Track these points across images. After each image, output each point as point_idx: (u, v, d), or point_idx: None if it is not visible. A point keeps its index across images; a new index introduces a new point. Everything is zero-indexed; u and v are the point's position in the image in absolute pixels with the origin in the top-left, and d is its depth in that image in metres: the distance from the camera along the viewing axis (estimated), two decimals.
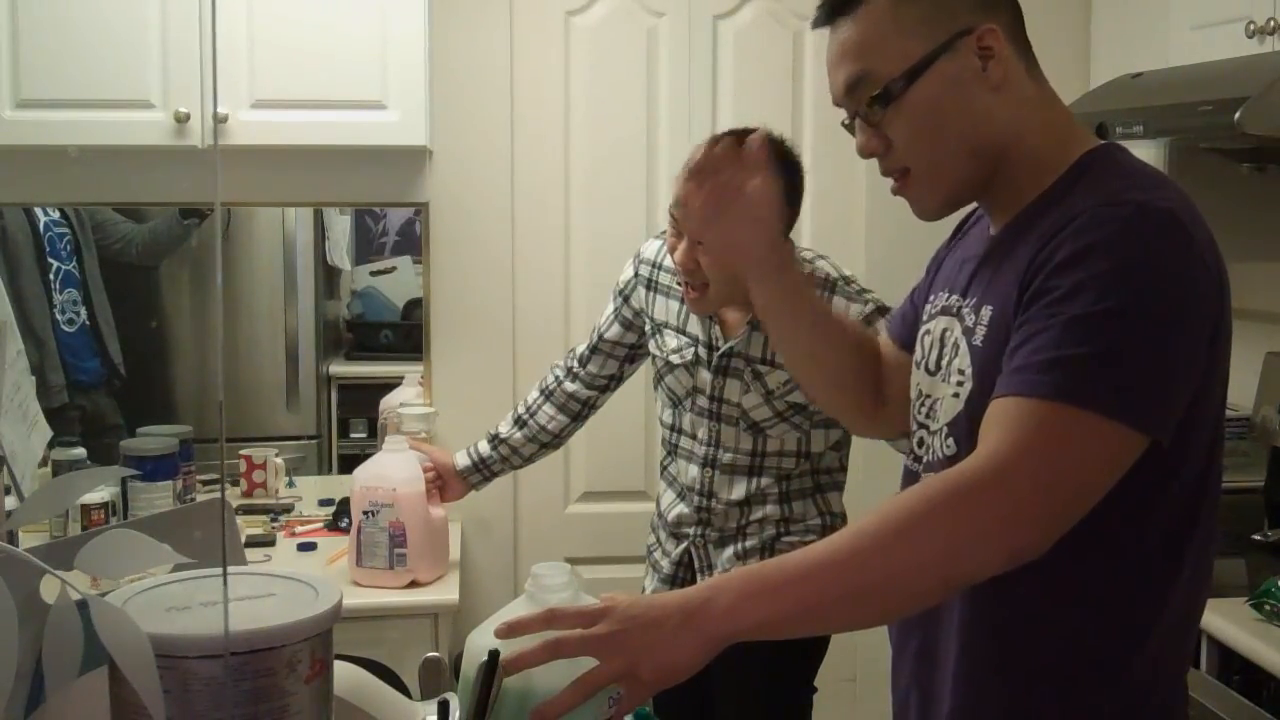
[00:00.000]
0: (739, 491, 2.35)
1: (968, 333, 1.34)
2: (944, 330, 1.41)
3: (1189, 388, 1.23)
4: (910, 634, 1.45)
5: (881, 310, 2.25)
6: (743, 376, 2.31)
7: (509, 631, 1.17)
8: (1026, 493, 1.16)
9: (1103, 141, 1.37)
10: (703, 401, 2.36)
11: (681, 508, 2.42)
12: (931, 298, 1.49)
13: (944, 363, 1.38)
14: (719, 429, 2.35)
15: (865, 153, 1.38)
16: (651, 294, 2.45)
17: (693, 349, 2.36)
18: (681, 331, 2.38)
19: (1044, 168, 1.33)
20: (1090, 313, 1.18)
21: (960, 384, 1.33)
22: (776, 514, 2.35)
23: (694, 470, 2.39)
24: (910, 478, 1.45)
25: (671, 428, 2.44)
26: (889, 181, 1.44)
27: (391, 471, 2.60)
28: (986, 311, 1.31)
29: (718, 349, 2.33)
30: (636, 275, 2.48)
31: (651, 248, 2.48)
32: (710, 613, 1.14)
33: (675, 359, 2.38)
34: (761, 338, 2.28)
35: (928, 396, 1.43)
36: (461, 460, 2.69)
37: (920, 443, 1.43)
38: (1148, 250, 1.20)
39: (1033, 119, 1.34)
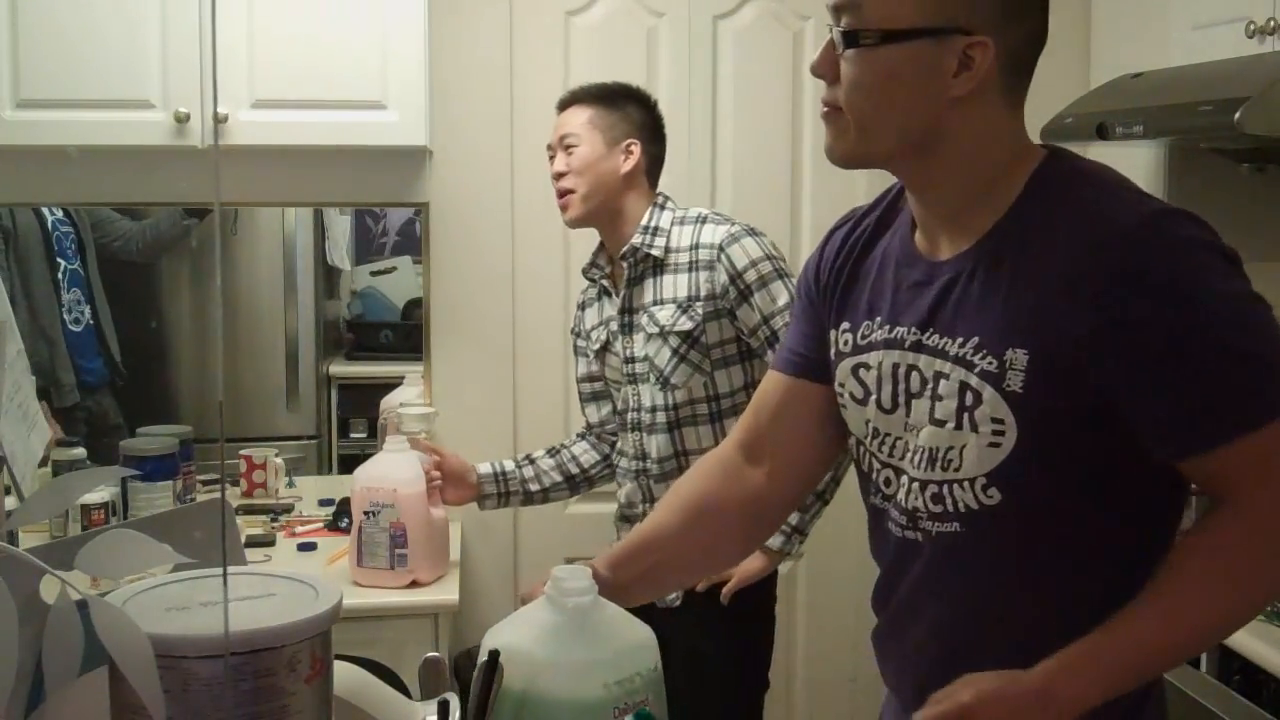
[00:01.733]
0: (665, 448, 2.44)
1: (990, 378, 1.27)
2: (898, 366, 1.36)
3: None
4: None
5: (748, 231, 2.42)
6: (642, 325, 2.45)
7: None
8: None
9: (1042, 148, 1.34)
10: (625, 370, 2.50)
11: (629, 485, 2.53)
12: (847, 324, 1.43)
13: (928, 404, 1.32)
14: (637, 391, 2.48)
15: (814, 70, 1.33)
16: (580, 312, 2.65)
17: (604, 328, 2.53)
18: (600, 324, 2.56)
19: (991, 186, 1.29)
20: (1223, 335, 1.19)
21: (999, 433, 1.27)
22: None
23: (629, 438, 2.52)
24: (879, 515, 1.42)
25: (618, 414, 2.58)
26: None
27: (393, 472, 2.60)
28: (1018, 356, 1.25)
29: (619, 314, 2.49)
30: (578, 306, 2.68)
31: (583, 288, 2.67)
32: (1063, 700, 1.20)
33: (596, 345, 2.56)
34: (646, 284, 2.45)
35: (887, 435, 1.39)
36: (483, 467, 2.69)
37: (887, 480, 1.39)
38: (1201, 251, 1.22)
39: (988, 143, 1.29)
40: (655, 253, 2.43)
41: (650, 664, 1.27)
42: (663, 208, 2.49)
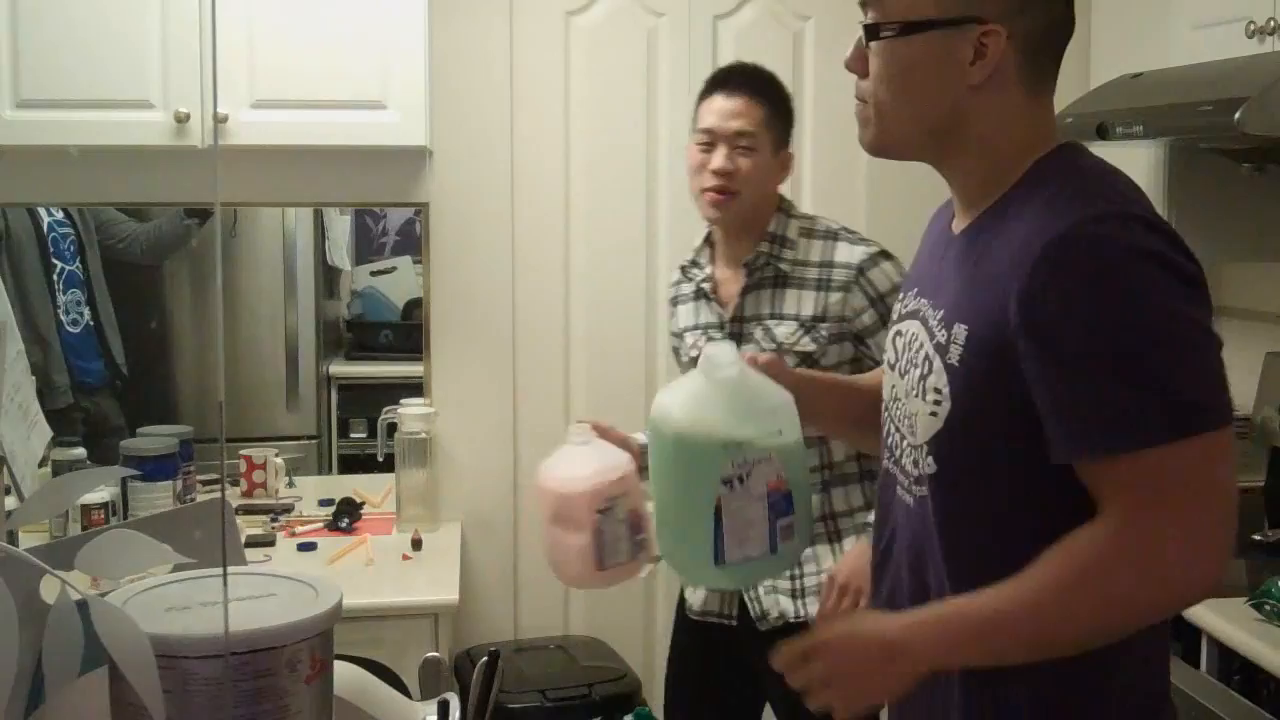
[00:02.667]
0: None
1: (940, 350, 1.33)
2: (913, 335, 1.41)
3: (1220, 360, 1.25)
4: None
5: (885, 254, 2.31)
6: (755, 338, 2.32)
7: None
8: (1197, 532, 1.21)
9: (1060, 144, 1.37)
10: None
11: None
12: (903, 295, 1.50)
13: (914, 372, 1.39)
14: None
15: (847, 65, 1.39)
16: (674, 310, 2.50)
17: (704, 335, 2.39)
18: (695, 327, 2.42)
19: (1003, 171, 1.33)
20: (1103, 353, 1.20)
21: (938, 403, 1.33)
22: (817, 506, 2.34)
23: None
24: (888, 478, 1.47)
25: None
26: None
27: (607, 460, 2.45)
28: (960, 331, 1.31)
29: (725, 321, 2.36)
30: (670, 302, 2.54)
31: (674, 274, 2.53)
32: (907, 656, 1.27)
33: (694, 352, 2.40)
34: (763, 295, 2.32)
35: (899, 400, 1.43)
36: (639, 436, 2.58)
37: (894, 444, 1.44)
38: (1127, 272, 1.21)
39: (1007, 128, 1.33)
40: (784, 266, 2.30)
41: (779, 428, 1.45)
42: (789, 215, 2.35)
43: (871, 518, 2.38)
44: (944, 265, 1.39)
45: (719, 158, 2.28)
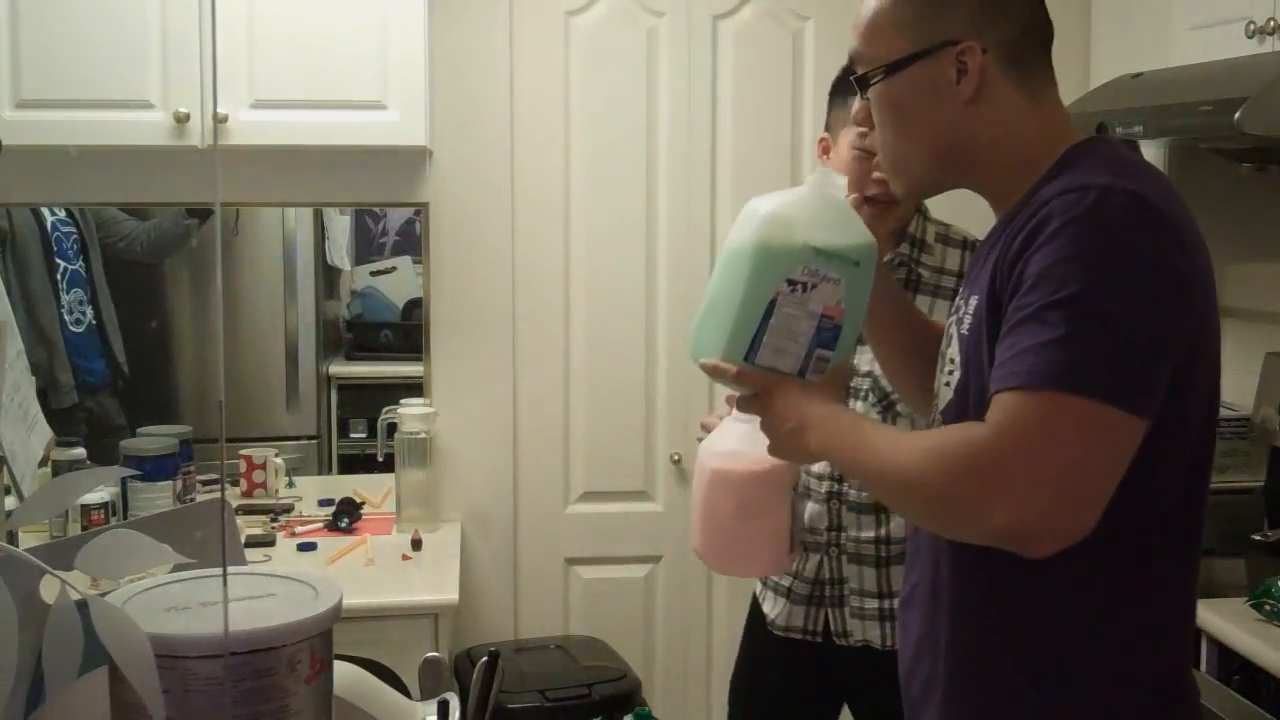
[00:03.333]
0: None
1: (958, 322, 1.39)
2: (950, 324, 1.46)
3: (1168, 362, 1.24)
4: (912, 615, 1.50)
5: None
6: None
7: (712, 371, 1.48)
8: (1009, 475, 1.21)
9: (1092, 136, 1.40)
10: None
11: (814, 507, 2.24)
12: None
13: (945, 352, 1.43)
14: (847, 405, 2.18)
15: (855, 120, 1.49)
16: None
17: None
18: None
19: (1032, 167, 1.35)
20: (1054, 299, 1.21)
21: (951, 373, 1.38)
22: None
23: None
24: None
25: None
26: None
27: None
28: (973, 300, 1.36)
29: None
30: None
31: None
32: (806, 437, 1.43)
33: None
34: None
35: (935, 391, 1.48)
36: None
37: (932, 422, 1.49)
38: (1108, 230, 1.23)
39: (1016, 130, 1.37)
40: (924, 272, 2.19)
41: (859, 260, 1.45)
42: (926, 217, 2.23)
43: None
44: (981, 257, 1.41)
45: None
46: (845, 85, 2.17)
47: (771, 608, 2.33)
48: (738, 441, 2.00)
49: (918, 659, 1.47)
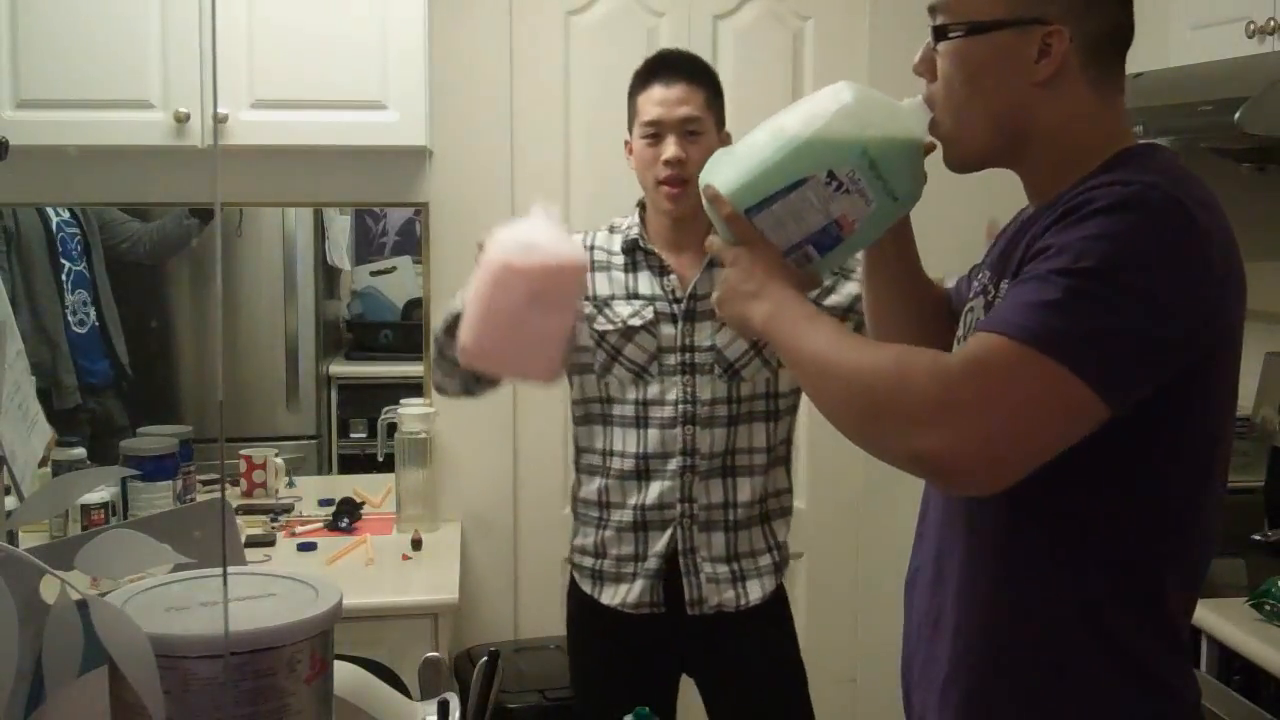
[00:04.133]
0: (720, 443, 2.31)
1: (987, 307, 1.40)
2: (978, 309, 1.45)
3: (1159, 369, 1.24)
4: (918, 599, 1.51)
5: None
6: (713, 315, 2.18)
7: (712, 198, 1.46)
8: (959, 408, 1.22)
9: (1147, 142, 1.40)
10: (671, 359, 2.31)
11: (662, 484, 2.32)
12: (978, 275, 1.52)
13: (960, 337, 1.44)
14: (692, 381, 2.31)
15: (916, 69, 1.43)
16: (591, 274, 2.36)
17: (650, 307, 2.32)
18: (633, 297, 2.34)
19: (1082, 164, 1.35)
20: (1067, 268, 1.22)
21: None
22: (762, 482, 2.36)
23: (672, 433, 2.31)
24: None
25: (640, 403, 2.33)
26: None
27: (575, 241, 2.19)
28: (1005, 286, 1.36)
29: (681, 297, 2.32)
30: (590, 267, 2.39)
31: (591, 237, 2.42)
32: (758, 306, 1.41)
33: (635, 321, 2.32)
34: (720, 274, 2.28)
35: None
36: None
37: None
38: (1141, 223, 1.23)
39: (1078, 123, 1.37)
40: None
41: (898, 195, 1.42)
42: None
43: (792, 500, 2.43)
44: (1011, 243, 1.41)
45: (670, 147, 2.26)
46: (645, 78, 2.32)
47: (612, 596, 2.38)
48: (543, 237, 1.96)
49: (919, 642, 1.48)
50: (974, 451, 1.22)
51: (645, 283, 2.35)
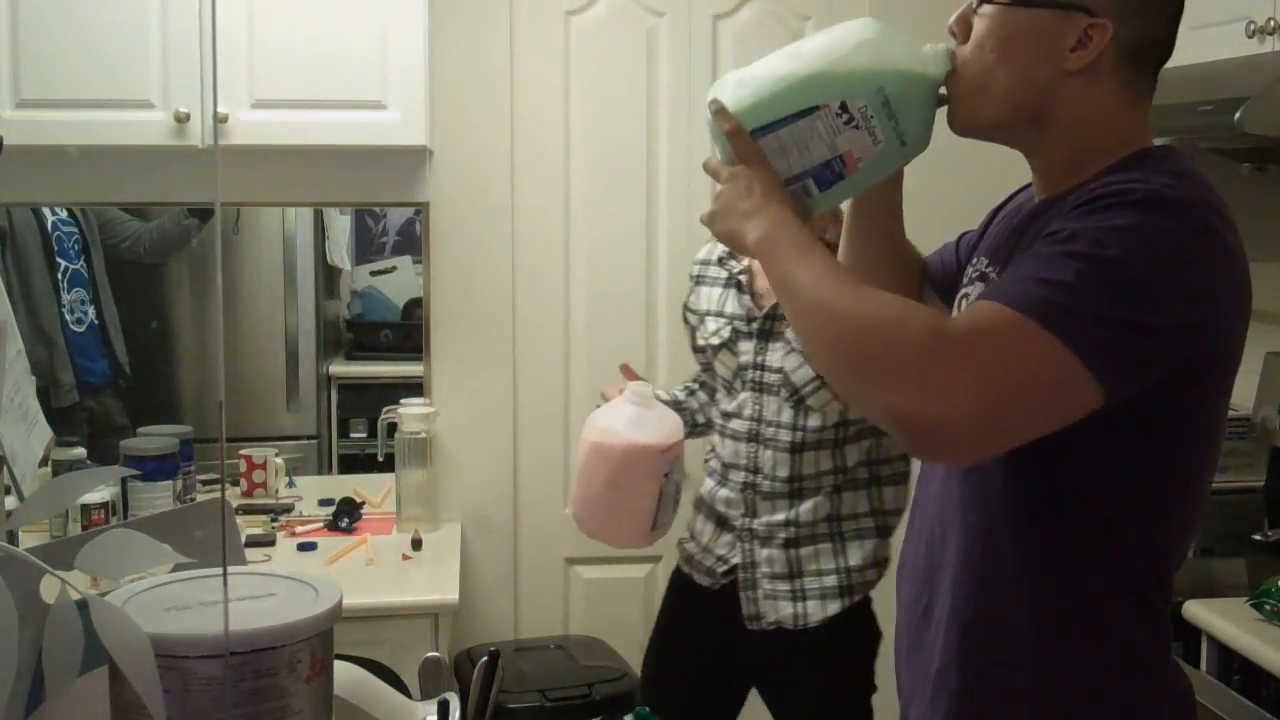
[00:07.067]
0: (784, 468, 2.33)
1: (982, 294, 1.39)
2: (976, 296, 1.44)
3: (1157, 366, 1.24)
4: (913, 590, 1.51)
5: None
6: (785, 336, 2.32)
7: (718, 113, 1.40)
8: (952, 371, 1.20)
9: (1166, 145, 1.39)
10: (748, 375, 2.37)
11: (730, 494, 2.39)
12: (975, 260, 1.51)
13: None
14: (761, 400, 2.35)
15: (951, 26, 1.41)
16: (695, 288, 2.50)
17: (729, 325, 2.39)
18: (719, 314, 2.42)
19: (1097, 158, 1.35)
20: (1081, 253, 1.21)
21: None
22: (826, 506, 2.36)
23: (740, 448, 2.37)
24: None
25: (724, 414, 2.42)
26: None
27: (669, 422, 2.34)
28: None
29: (756, 316, 2.36)
30: (691, 278, 2.54)
31: (702, 251, 2.53)
32: (752, 224, 1.37)
33: (715, 340, 2.41)
34: None
35: None
36: (661, 394, 2.53)
37: None
38: (1157, 223, 1.22)
39: (1100, 120, 1.35)
40: None
41: (906, 139, 1.39)
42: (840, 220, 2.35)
43: (874, 523, 2.40)
44: (1018, 233, 1.40)
45: None
46: None
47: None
48: (622, 422, 2.15)
49: (908, 629, 1.49)
50: (957, 417, 1.20)
51: (731, 300, 2.41)
